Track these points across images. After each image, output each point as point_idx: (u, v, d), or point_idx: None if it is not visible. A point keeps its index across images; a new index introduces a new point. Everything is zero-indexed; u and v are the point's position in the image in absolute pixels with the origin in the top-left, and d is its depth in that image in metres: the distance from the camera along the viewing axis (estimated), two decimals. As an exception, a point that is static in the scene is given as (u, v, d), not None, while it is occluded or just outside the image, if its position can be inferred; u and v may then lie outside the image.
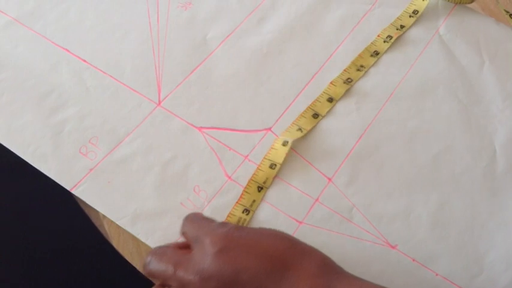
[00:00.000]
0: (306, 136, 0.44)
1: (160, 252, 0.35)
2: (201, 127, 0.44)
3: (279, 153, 0.42)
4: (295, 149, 0.43)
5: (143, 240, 0.38)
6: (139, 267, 0.39)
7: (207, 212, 0.40)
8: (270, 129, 0.44)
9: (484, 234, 0.41)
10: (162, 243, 0.38)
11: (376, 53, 0.49)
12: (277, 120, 0.45)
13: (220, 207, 0.40)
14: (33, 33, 0.47)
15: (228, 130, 0.44)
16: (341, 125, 0.45)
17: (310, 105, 0.45)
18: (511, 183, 0.43)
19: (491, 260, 0.40)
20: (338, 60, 0.49)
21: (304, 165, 0.43)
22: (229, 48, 0.48)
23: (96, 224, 0.40)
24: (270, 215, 0.40)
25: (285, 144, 0.42)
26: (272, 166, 0.42)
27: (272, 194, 0.41)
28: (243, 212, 0.40)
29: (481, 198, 0.42)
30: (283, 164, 0.42)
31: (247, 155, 0.43)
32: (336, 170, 0.43)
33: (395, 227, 0.41)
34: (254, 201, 0.40)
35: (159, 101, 0.45)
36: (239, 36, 0.49)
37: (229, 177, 0.42)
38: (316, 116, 0.45)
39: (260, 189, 0.41)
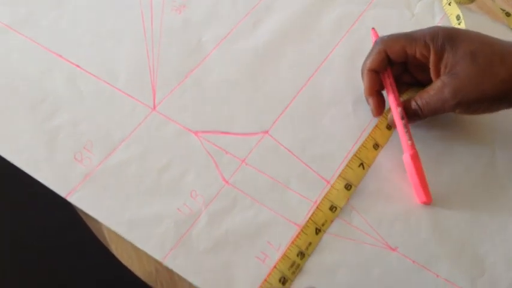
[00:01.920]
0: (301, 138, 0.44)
1: None
2: (197, 131, 0.43)
3: (340, 196, 0.41)
4: (293, 151, 0.43)
5: (140, 246, 0.38)
6: (138, 271, 0.38)
7: (205, 218, 0.39)
8: (267, 132, 0.44)
9: (484, 234, 0.40)
10: (159, 249, 0.38)
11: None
12: (274, 123, 0.45)
13: (218, 212, 0.40)
14: (25, 39, 0.47)
15: (224, 134, 0.44)
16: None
17: (371, 133, 0.44)
18: (511, 183, 0.43)
19: (493, 261, 0.39)
20: (334, 61, 0.49)
21: (302, 168, 0.42)
22: (225, 51, 0.48)
23: (95, 228, 0.39)
24: (270, 218, 0.40)
25: (348, 188, 0.41)
26: (332, 209, 0.40)
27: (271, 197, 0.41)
28: (297, 256, 0.38)
29: (481, 199, 0.42)
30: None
31: (245, 159, 0.42)
32: (334, 172, 0.42)
33: (395, 229, 0.40)
34: (310, 244, 0.39)
35: (154, 105, 0.44)
36: (234, 39, 0.49)
37: (227, 182, 0.41)
38: (376, 146, 0.44)
39: (318, 231, 0.40)
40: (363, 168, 0.42)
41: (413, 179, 0.41)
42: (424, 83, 0.44)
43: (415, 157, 0.41)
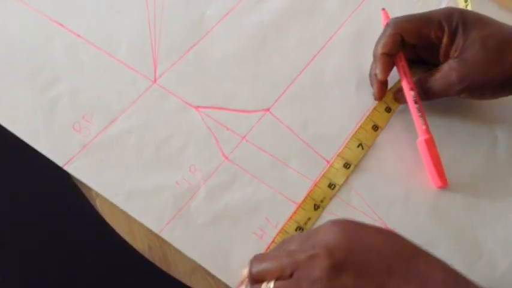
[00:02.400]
0: (304, 118, 0.43)
1: (265, 253, 0.33)
2: (198, 106, 0.43)
3: (339, 174, 0.41)
4: (294, 129, 0.43)
5: (137, 218, 0.37)
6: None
7: (203, 192, 0.39)
8: (268, 110, 0.44)
9: (484, 220, 0.40)
10: (156, 221, 0.37)
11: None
12: (276, 101, 0.44)
13: (217, 187, 0.39)
14: (26, 7, 0.46)
15: (225, 110, 0.43)
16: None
17: (369, 115, 0.44)
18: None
19: (491, 246, 0.39)
20: (339, 41, 0.48)
21: (303, 147, 0.42)
22: (228, 26, 0.47)
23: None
24: (269, 195, 0.39)
25: (346, 166, 0.41)
26: (331, 186, 0.40)
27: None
28: (296, 230, 0.38)
29: (481, 184, 0.42)
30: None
31: (245, 136, 0.42)
32: (335, 152, 0.42)
33: (394, 211, 0.40)
34: (309, 219, 0.39)
35: (155, 78, 0.44)
36: (239, 14, 0.48)
37: (226, 158, 0.41)
38: (375, 128, 0.43)
39: (317, 207, 0.40)
40: (362, 148, 0.42)
41: (428, 163, 0.41)
42: (427, 61, 0.43)
43: (429, 142, 0.41)
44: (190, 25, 0.47)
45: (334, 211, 0.39)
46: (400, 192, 0.41)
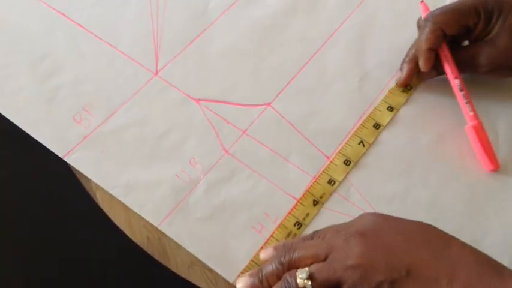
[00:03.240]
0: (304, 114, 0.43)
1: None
2: (199, 99, 0.43)
3: (339, 171, 0.41)
4: (295, 124, 0.42)
5: (136, 210, 0.37)
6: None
7: (203, 185, 0.39)
8: (269, 104, 0.43)
9: (481, 218, 0.40)
10: (155, 214, 0.37)
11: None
12: (277, 95, 0.44)
13: (217, 181, 0.39)
14: (28, -5, 0.46)
15: (226, 103, 0.43)
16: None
17: (370, 114, 0.44)
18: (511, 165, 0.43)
19: (488, 244, 0.39)
20: (342, 36, 0.48)
21: (303, 142, 0.42)
22: (231, 19, 0.47)
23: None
24: (269, 190, 0.39)
25: (346, 163, 0.41)
26: (331, 182, 0.40)
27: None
28: (294, 225, 0.38)
29: (480, 181, 0.42)
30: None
31: (246, 130, 0.42)
32: (336, 148, 0.42)
33: (393, 207, 0.40)
34: (308, 214, 0.39)
35: (157, 70, 0.44)
36: (242, 7, 0.48)
37: (227, 151, 0.41)
38: (377, 126, 0.43)
39: (316, 203, 0.40)
40: (363, 145, 0.42)
41: (477, 148, 0.41)
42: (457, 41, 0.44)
43: (478, 127, 0.41)
44: (193, 17, 0.47)
45: (333, 207, 0.39)
46: (399, 189, 0.41)
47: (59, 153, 0.39)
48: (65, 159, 0.39)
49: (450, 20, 0.42)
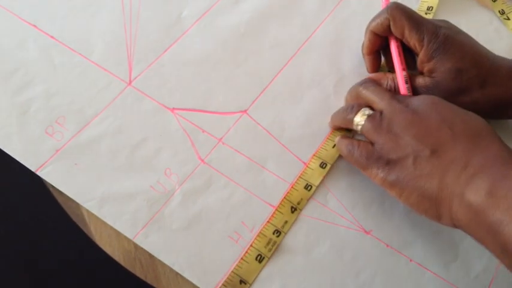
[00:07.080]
0: (281, 123, 0.43)
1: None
2: (174, 108, 0.42)
3: (315, 175, 0.41)
4: (271, 131, 0.42)
5: (110, 223, 0.37)
6: (117, 250, 0.37)
7: (178, 196, 0.39)
8: (245, 111, 0.43)
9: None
10: (130, 227, 0.37)
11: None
12: (253, 103, 0.44)
13: (192, 191, 0.39)
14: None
15: (201, 112, 0.43)
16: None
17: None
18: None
19: (466, 247, 0.40)
20: (317, 41, 0.48)
21: (280, 149, 0.42)
22: (205, 27, 0.47)
23: (73, 206, 0.38)
24: (245, 198, 0.39)
25: (322, 166, 0.41)
26: (308, 187, 0.40)
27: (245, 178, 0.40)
28: (273, 233, 0.38)
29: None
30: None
31: (221, 138, 0.42)
32: (312, 154, 0.42)
33: (370, 212, 0.40)
34: (286, 222, 0.39)
35: (130, 80, 0.43)
36: (215, 15, 0.48)
37: (202, 161, 0.40)
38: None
39: (293, 210, 0.39)
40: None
41: None
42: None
43: None
44: (166, 26, 0.46)
45: (311, 214, 0.39)
46: (375, 194, 0.41)
47: (32, 168, 0.38)
48: (38, 173, 0.38)
49: (398, 22, 0.41)
